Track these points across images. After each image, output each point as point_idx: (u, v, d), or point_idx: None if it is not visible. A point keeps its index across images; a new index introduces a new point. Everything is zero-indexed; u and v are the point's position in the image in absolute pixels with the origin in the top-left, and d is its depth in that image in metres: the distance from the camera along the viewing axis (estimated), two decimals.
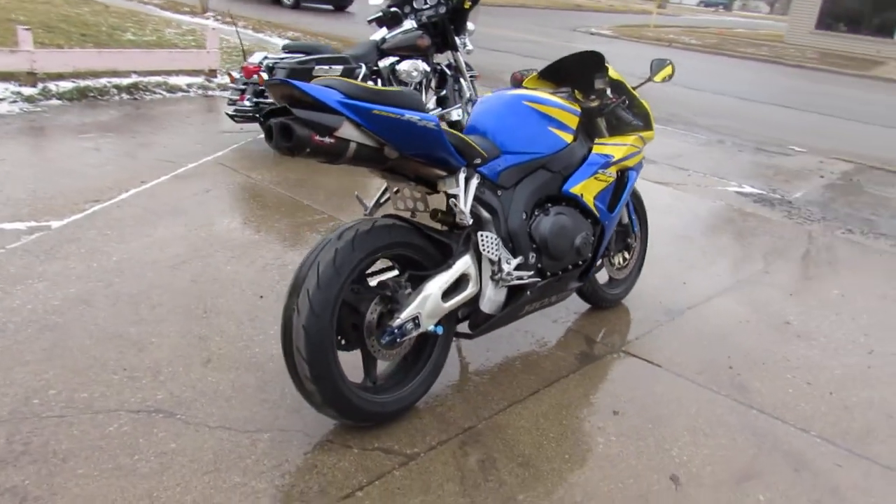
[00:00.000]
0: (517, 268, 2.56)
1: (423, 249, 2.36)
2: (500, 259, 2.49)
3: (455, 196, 2.35)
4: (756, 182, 6.23)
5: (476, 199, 2.44)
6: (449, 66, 6.25)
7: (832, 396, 2.84)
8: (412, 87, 5.91)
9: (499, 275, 2.51)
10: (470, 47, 6.23)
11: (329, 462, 2.18)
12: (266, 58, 5.18)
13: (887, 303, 3.83)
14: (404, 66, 5.77)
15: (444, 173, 2.35)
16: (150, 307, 2.97)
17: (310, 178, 4.91)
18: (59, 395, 2.36)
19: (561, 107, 2.75)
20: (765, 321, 3.46)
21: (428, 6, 6.00)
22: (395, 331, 2.24)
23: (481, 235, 2.45)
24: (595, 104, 2.97)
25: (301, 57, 5.20)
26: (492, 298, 2.54)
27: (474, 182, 2.40)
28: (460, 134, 2.37)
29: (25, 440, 2.13)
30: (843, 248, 4.71)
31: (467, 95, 6.29)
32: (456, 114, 6.20)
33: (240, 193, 4.48)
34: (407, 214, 2.51)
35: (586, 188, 2.79)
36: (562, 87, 3.05)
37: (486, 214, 2.49)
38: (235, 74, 5.30)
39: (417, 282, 2.34)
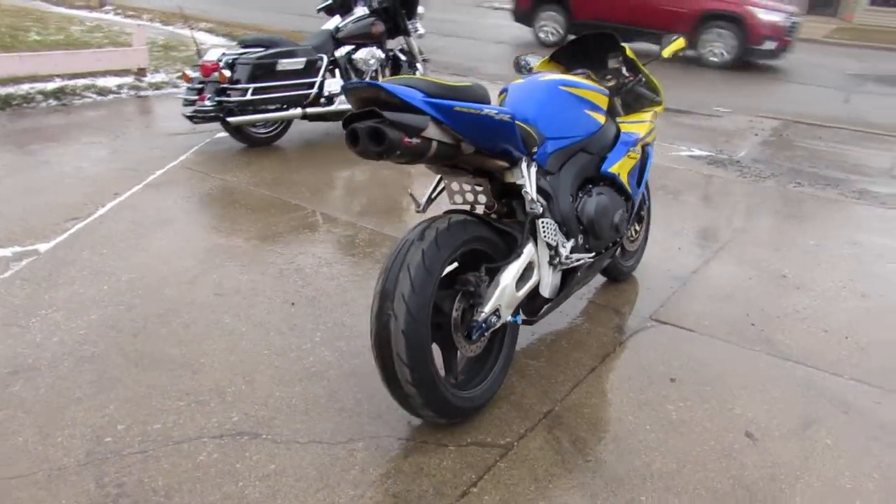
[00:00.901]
0: (571, 250, 2.61)
1: (492, 242, 2.38)
2: (557, 244, 2.54)
3: (521, 186, 2.37)
4: (703, 145, 6.53)
5: None
6: (402, 50, 6.19)
7: (848, 340, 3.07)
8: (369, 76, 5.83)
9: (557, 259, 2.56)
10: (421, 31, 6.19)
11: (433, 463, 2.18)
12: (224, 54, 4.97)
13: (858, 248, 4.14)
14: (361, 54, 5.68)
15: (507, 164, 2.37)
16: (183, 326, 2.84)
17: (284, 175, 4.78)
18: (130, 429, 2.24)
19: (593, 89, 2.81)
20: (764, 277, 3.67)
21: None
22: (483, 325, 2.25)
23: (541, 222, 2.49)
24: (612, 83, 3.05)
25: (260, 51, 5.02)
26: (550, 283, 2.59)
27: (534, 170, 2.43)
28: (522, 124, 2.38)
29: (117, 482, 2.02)
30: (800, 201, 5.04)
31: None
32: None
33: (222, 198, 4.31)
34: (466, 207, 2.52)
35: (622, 167, 2.88)
36: (576, 70, 3.10)
37: (542, 201, 2.52)
38: (191, 73, 5.05)
39: (491, 275, 2.35)
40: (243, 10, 13.98)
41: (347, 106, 5.59)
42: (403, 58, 6.14)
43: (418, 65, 6.21)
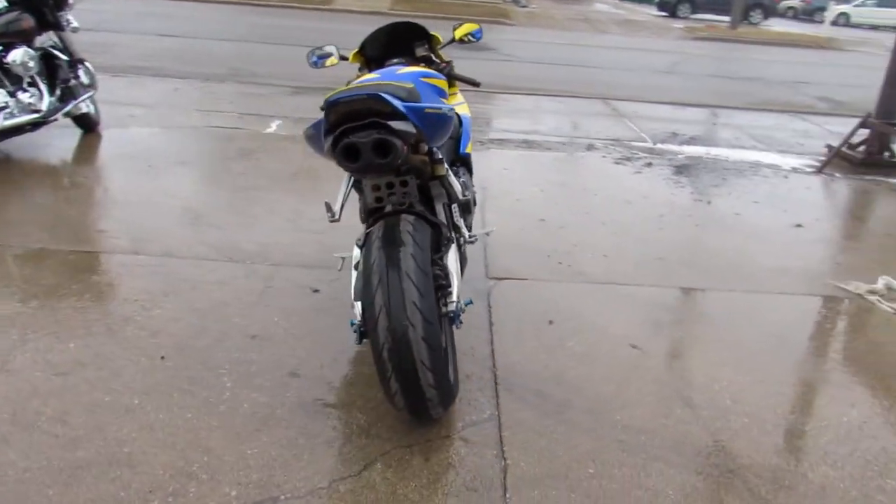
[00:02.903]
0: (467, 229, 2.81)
1: (431, 233, 2.44)
2: (461, 225, 2.71)
3: (446, 176, 2.48)
4: None
5: None
6: (55, 47, 5.25)
7: (623, 259, 3.88)
8: (27, 80, 4.86)
9: (461, 238, 2.73)
10: (75, 24, 5.33)
11: (453, 455, 2.24)
12: None
13: (568, 188, 5.11)
14: (17, 56, 4.71)
15: (428, 158, 2.43)
16: (57, 422, 2.25)
17: None
18: None
19: (441, 77, 2.97)
20: (531, 223, 4.32)
21: None
22: (460, 312, 2.34)
23: (454, 207, 2.62)
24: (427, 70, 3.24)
25: None
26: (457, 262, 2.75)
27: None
28: None
29: None
30: (519, 158, 5.87)
31: (87, 82, 5.43)
32: (85, 105, 5.36)
33: None
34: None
35: (470, 146, 3.12)
36: (391, 60, 3.20)
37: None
38: None
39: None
40: None
41: (12, 121, 4.60)
42: (64, 56, 5.23)
43: (87, 64, 5.37)
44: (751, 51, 17.77)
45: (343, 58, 3.39)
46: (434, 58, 3.28)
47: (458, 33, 3.43)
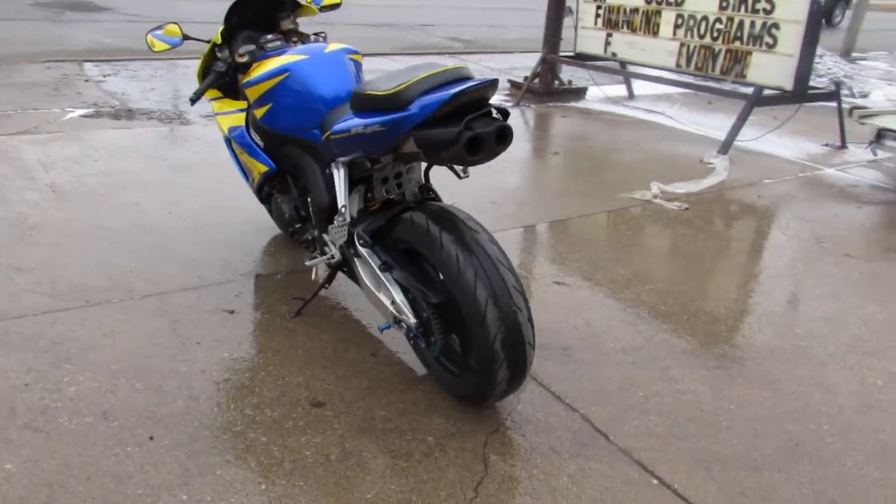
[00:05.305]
0: None
1: None
2: None
3: None
4: (86, 106, 5.89)
5: None
6: None
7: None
8: None
9: None
10: None
11: (539, 422, 2.31)
12: None
13: None
14: None
15: None
16: None
17: None
18: None
19: (359, 52, 2.75)
20: None
21: None
22: None
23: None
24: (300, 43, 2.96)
25: None
26: None
27: None
28: None
29: None
30: None
31: None
32: None
33: None
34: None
35: None
36: (265, 36, 2.83)
37: None
38: None
39: None
40: None
41: None
42: None
43: None
44: None
45: (187, 37, 2.91)
46: (301, 29, 3.01)
47: (326, 1, 3.15)
